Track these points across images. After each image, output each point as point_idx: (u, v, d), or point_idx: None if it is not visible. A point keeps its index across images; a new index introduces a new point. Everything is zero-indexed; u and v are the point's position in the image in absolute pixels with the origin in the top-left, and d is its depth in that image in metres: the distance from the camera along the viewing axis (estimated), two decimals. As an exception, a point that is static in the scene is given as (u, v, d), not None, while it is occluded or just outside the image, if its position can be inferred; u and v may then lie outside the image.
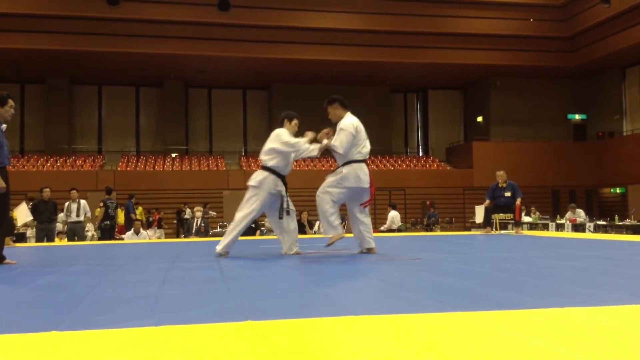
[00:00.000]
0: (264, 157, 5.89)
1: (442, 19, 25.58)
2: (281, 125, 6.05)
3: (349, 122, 5.70)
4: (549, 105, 29.90)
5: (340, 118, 5.81)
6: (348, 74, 27.47)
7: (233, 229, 5.81)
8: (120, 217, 18.14)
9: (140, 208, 19.86)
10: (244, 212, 5.79)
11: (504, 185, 10.86)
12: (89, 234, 13.73)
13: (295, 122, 6.10)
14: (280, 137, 5.84)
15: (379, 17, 24.94)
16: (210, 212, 19.89)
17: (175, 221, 21.85)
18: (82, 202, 12.28)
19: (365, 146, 5.77)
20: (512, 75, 28.69)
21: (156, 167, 26.50)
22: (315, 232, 13.62)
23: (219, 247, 5.80)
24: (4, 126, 5.36)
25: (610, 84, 28.99)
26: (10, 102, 5.32)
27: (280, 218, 5.82)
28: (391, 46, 25.33)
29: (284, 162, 5.89)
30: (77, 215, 12.06)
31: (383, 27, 25.08)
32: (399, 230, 15.18)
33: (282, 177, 5.87)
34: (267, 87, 29.62)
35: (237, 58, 25.00)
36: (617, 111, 28.77)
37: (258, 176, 5.82)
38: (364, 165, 5.75)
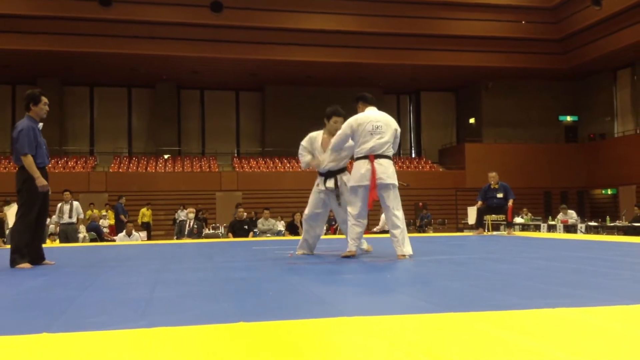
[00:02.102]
0: None
1: (434, 21, 25.64)
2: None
3: (348, 120, 5.59)
4: (540, 107, 30.03)
5: None
6: (341, 76, 27.49)
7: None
8: (111, 219, 18.11)
9: (149, 210, 19.79)
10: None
11: (496, 186, 10.90)
12: (81, 235, 13.65)
13: (334, 119, 5.89)
14: None
15: (371, 19, 24.97)
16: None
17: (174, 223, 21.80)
18: (75, 203, 12.21)
19: (368, 142, 5.40)
20: (504, 77, 28.79)
21: (148, 168, 26.42)
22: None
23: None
24: (41, 125, 5.32)
25: (602, 86, 29.15)
26: (44, 99, 5.30)
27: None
28: (384, 48, 25.37)
29: (315, 162, 5.96)
30: (70, 217, 12.00)
31: (376, 29, 25.11)
32: (391, 231, 15.15)
33: (323, 175, 5.93)
34: (260, 88, 29.60)
35: (229, 59, 24.97)
36: (609, 113, 28.93)
37: None
38: (360, 162, 5.43)
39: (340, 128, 5.76)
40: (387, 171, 5.40)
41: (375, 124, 5.49)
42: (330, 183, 5.85)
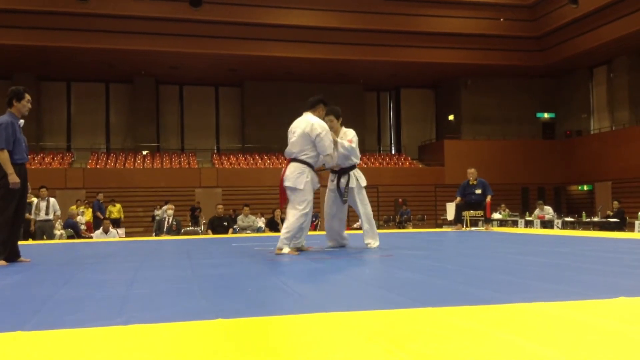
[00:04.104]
0: None
1: (414, 18, 25.74)
2: None
3: None
4: (518, 104, 30.34)
5: None
6: (321, 72, 27.48)
7: None
8: (88, 215, 17.89)
9: (118, 205, 19.55)
10: None
11: (475, 182, 10.98)
12: (58, 232, 13.48)
13: (327, 117, 6.10)
14: None
15: (351, 15, 24.99)
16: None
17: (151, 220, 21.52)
18: (52, 200, 12.05)
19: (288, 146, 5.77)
20: (482, 74, 29.02)
21: (126, 164, 26.16)
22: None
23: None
24: (22, 121, 5.30)
25: (578, 84, 29.53)
26: (27, 96, 5.28)
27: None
28: (364, 44, 25.42)
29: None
30: (46, 214, 11.83)
31: (356, 25, 25.14)
32: (371, 227, 15.19)
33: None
34: (239, 84, 29.46)
35: (209, 55, 24.81)
36: (585, 110, 29.32)
37: None
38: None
39: (332, 127, 5.98)
40: (290, 175, 5.63)
41: (292, 129, 5.75)
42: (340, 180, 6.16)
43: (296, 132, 5.66)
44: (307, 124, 5.61)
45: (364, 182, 6.25)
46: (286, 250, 5.53)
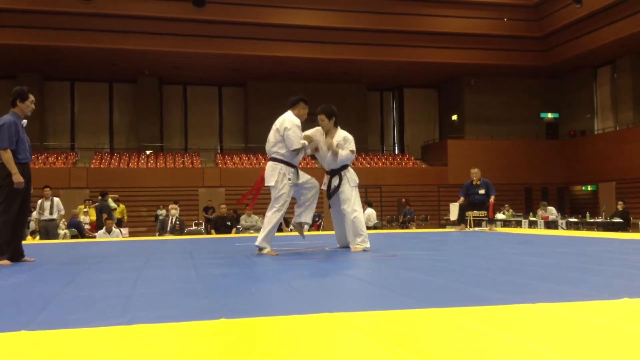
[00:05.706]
0: None
1: (417, 18, 25.72)
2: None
3: None
4: (522, 103, 30.29)
5: None
6: (324, 72, 27.48)
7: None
8: (92, 215, 17.91)
9: (122, 206, 19.56)
10: None
11: (478, 182, 10.95)
12: (62, 232, 13.50)
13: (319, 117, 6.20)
14: None
15: (355, 15, 24.98)
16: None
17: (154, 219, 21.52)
18: (56, 199, 12.07)
19: None
20: (486, 74, 28.98)
21: (130, 164, 26.20)
22: (290, 230, 13.60)
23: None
24: (25, 121, 5.33)
25: (582, 83, 29.46)
26: (31, 97, 5.32)
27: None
28: (367, 44, 25.41)
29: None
30: (50, 213, 11.85)
31: (359, 25, 25.12)
32: (375, 227, 15.24)
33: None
34: (243, 84, 29.49)
35: (212, 54, 24.83)
36: (589, 110, 29.25)
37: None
38: None
39: (323, 126, 6.04)
40: (267, 174, 5.75)
41: (273, 126, 5.81)
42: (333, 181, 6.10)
43: (272, 128, 5.78)
44: (280, 121, 5.73)
45: (354, 182, 6.02)
46: (266, 250, 5.58)
